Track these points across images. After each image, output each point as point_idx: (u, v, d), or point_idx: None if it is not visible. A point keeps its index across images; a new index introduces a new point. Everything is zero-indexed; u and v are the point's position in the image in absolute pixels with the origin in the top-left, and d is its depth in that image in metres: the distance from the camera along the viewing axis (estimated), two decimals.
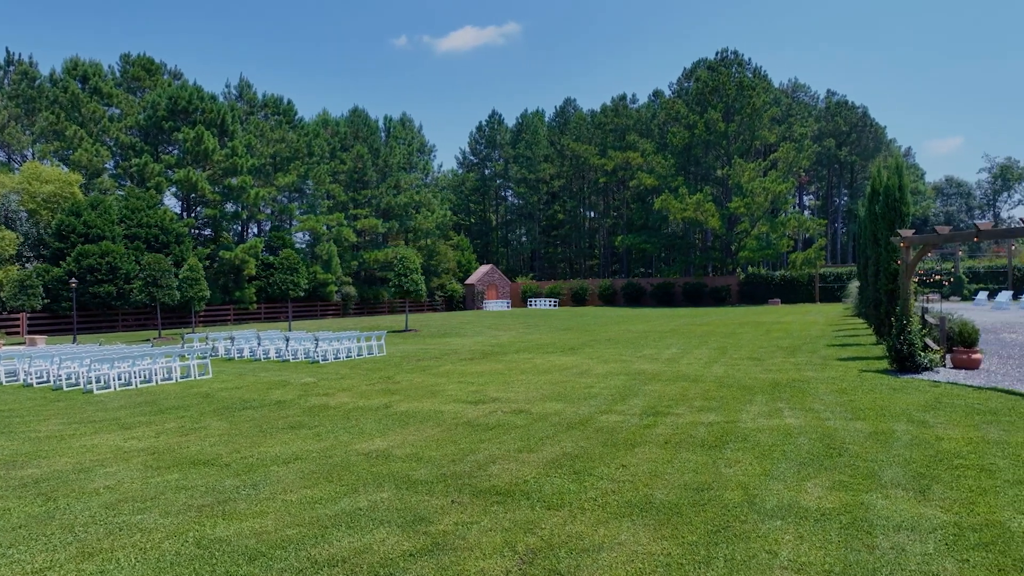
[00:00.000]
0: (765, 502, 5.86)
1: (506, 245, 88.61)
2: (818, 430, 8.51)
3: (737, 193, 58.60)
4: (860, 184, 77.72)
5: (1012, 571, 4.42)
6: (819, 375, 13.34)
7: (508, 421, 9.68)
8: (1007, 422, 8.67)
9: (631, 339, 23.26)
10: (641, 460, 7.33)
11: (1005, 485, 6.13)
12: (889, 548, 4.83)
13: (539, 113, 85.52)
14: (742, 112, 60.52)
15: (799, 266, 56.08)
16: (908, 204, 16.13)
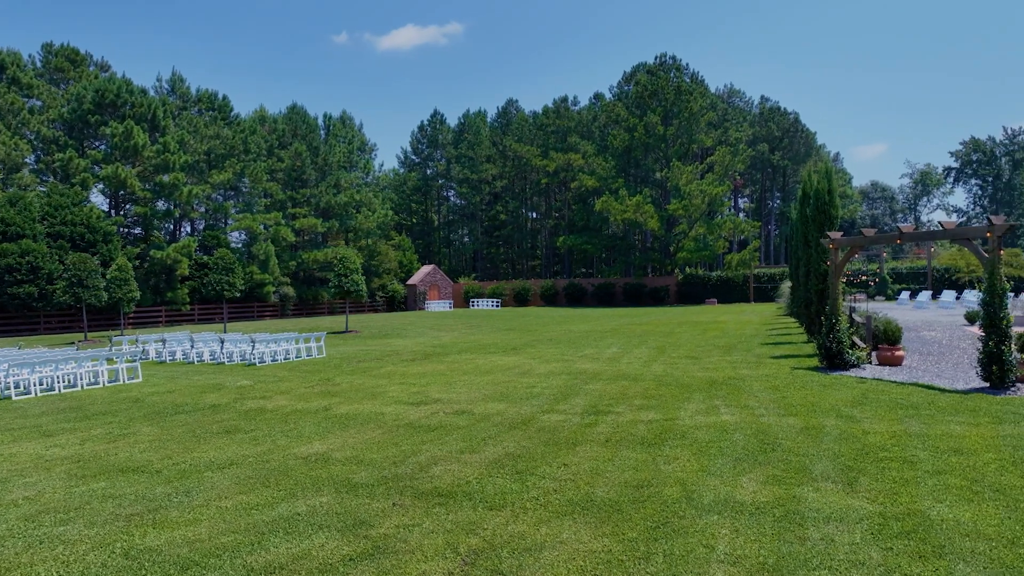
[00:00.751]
0: (703, 497, 5.99)
1: (448, 245, 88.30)
2: (753, 426, 8.75)
3: (675, 195, 59.85)
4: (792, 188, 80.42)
5: (931, 557, 4.63)
6: (754, 373, 13.73)
7: (450, 422, 9.63)
8: (927, 415, 9.09)
9: (573, 339, 23.48)
10: (583, 459, 7.40)
11: (925, 476, 6.43)
12: (820, 539, 5.00)
13: (481, 113, 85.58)
14: (680, 116, 61.84)
15: (734, 267, 57.63)
16: (837, 207, 16.75)
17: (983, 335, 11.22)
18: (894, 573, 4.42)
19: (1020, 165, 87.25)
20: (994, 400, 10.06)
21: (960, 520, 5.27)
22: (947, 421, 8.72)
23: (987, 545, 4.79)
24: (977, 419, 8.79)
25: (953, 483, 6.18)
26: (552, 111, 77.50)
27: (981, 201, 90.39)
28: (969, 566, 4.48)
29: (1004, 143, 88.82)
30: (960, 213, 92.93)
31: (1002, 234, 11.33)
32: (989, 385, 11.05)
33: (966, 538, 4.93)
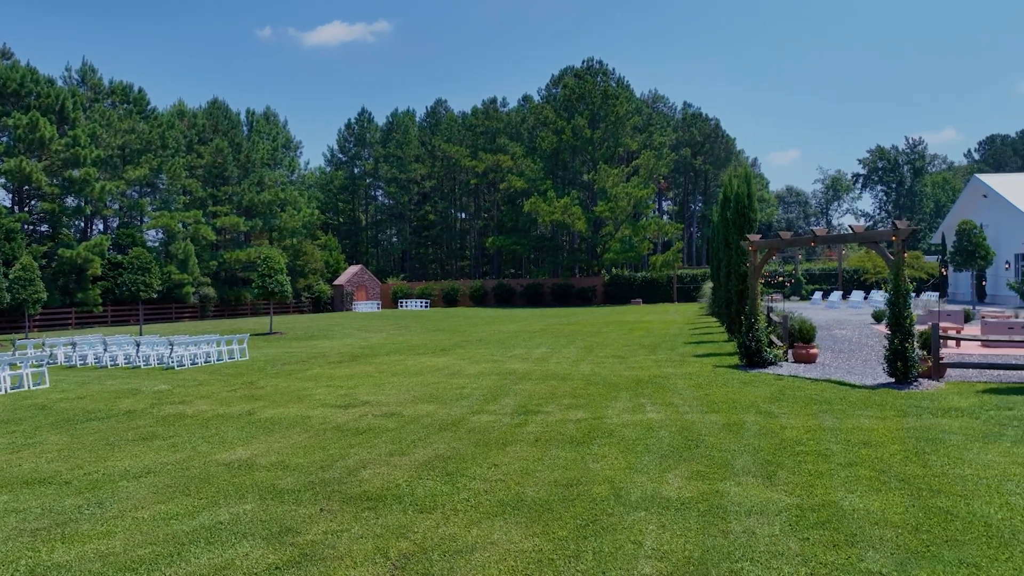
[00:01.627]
0: (630, 494, 6.12)
1: (376, 245, 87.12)
2: (677, 423, 8.99)
3: (602, 197, 60.87)
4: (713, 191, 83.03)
5: (844, 545, 4.86)
6: (678, 371, 14.11)
7: (379, 424, 9.51)
8: (839, 410, 9.55)
9: (502, 339, 23.56)
10: (513, 459, 7.43)
11: (838, 468, 6.75)
12: (742, 532, 5.18)
13: (410, 113, 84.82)
14: (607, 120, 62.92)
15: (659, 268, 59.03)
16: (755, 211, 17.39)
17: (889, 333, 11.87)
18: (811, 562, 4.62)
19: (920, 173, 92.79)
20: (899, 395, 10.66)
21: (870, 509, 5.56)
22: (857, 415, 9.18)
23: (894, 532, 5.07)
24: (884, 413, 9.29)
25: (863, 474, 6.51)
26: (481, 112, 77.53)
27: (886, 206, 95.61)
28: (878, 552, 4.73)
29: (906, 152, 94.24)
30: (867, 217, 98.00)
31: (905, 238, 12.02)
32: (895, 380, 11.70)
33: (875, 526, 5.20)
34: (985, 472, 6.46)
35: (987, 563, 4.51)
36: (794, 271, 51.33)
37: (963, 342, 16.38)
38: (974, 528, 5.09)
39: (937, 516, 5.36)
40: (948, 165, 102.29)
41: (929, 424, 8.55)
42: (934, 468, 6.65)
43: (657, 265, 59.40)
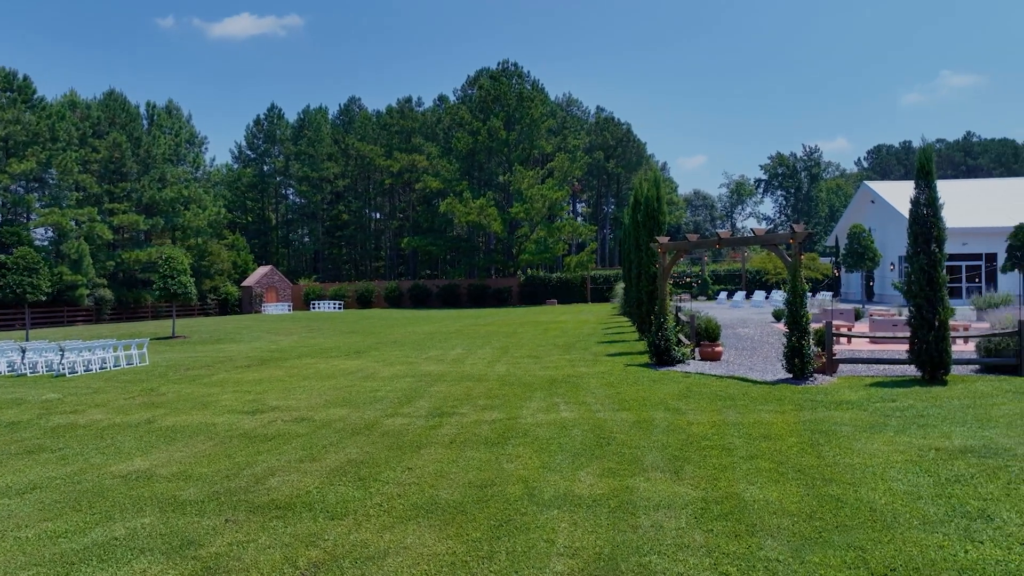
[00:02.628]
0: (543, 493, 6.19)
1: (287, 245, 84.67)
2: (590, 422, 9.16)
3: (518, 199, 61.35)
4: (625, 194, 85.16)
5: (745, 535, 5.09)
6: (591, 370, 14.38)
7: (289, 430, 9.24)
8: (742, 406, 9.98)
9: (417, 341, 23.37)
10: (427, 461, 7.38)
11: (740, 461, 7.05)
12: (650, 526, 5.33)
13: (322, 110, 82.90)
14: (522, 122, 63.49)
15: (573, 268, 60.01)
16: (665, 214, 17.95)
17: (787, 331, 12.49)
18: (714, 553, 4.81)
19: (816, 179, 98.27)
20: (796, 389, 11.24)
21: (769, 500, 5.83)
22: (758, 410, 9.62)
23: (790, 520, 5.34)
24: (783, 407, 9.77)
25: (763, 466, 6.83)
26: (396, 111, 76.67)
27: (785, 210, 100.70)
28: (776, 540, 4.96)
29: (803, 159, 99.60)
30: (769, 221, 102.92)
31: (802, 241, 12.68)
32: (792, 376, 12.32)
33: (773, 515, 5.46)
34: (871, 460, 6.90)
35: (872, 546, 4.81)
36: (701, 272, 53.27)
37: (854, 339, 17.41)
38: (861, 513, 5.43)
39: (829, 504, 5.68)
40: (841, 172, 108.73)
41: (823, 417, 9.05)
42: (827, 458, 7.04)
43: (571, 266, 60.38)
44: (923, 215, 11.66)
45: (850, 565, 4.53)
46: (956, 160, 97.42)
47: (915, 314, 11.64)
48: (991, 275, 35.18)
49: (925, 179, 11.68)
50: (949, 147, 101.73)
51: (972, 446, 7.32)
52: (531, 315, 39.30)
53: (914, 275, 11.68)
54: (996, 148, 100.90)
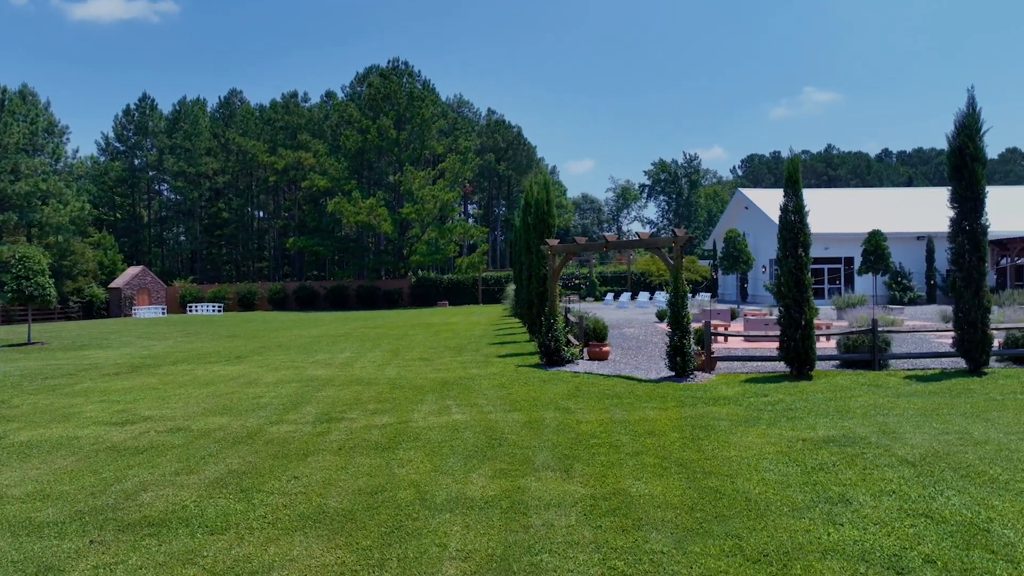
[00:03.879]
0: (435, 497, 6.14)
1: (161, 245, 79.81)
2: (482, 423, 9.18)
3: (408, 199, 60.76)
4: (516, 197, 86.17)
5: (631, 529, 5.25)
6: (482, 372, 14.43)
7: (163, 441, 8.69)
8: (628, 403, 10.32)
9: (304, 344, 22.63)
10: (315, 469, 7.15)
11: (627, 457, 7.28)
12: (541, 525, 5.40)
13: (200, 102, 78.76)
14: (413, 121, 62.94)
15: (464, 270, 60.10)
16: (554, 217, 18.30)
17: (670, 331, 13.04)
18: (603, 548, 4.93)
19: (696, 185, 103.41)
20: (678, 387, 11.74)
21: (654, 494, 6.05)
22: (644, 407, 9.98)
23: (673, 513, 5.56)
24: (666, 404, 10.18)
25: (648, 462, 7.08)
26: (281, 106, 74.07)
27: (668, 215, 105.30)
28: (660, 533, 5.16)
29: (684, 166, 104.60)
30: (652, 225, 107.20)
31: (683, 244, 13.28)
32: (675, 374, 12.87)
33: (658, 509, 5.67)
34: (746, 453, 7.31)
35: (747, 533, 5.09)
36: (589, 274, 54.74)
37: (730, 338, 18.42)
38: (738, 503, 5.73)
39: (709, 495, 5.96)
40: (718, 179, 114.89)
41: (703, 412, 9.51)
42: (706, 452, 7.40)
43: (463, 267, 60.44)
44: (791, 221, 12.49)
45: (728, 553, 4.77)
46: (819, 170, 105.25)
47: (784, 314, 12.45)
48: (849, 277, 38.22)
49: (793, 188, 12.52)
50: (813, 158, 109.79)
51: (834, 436, 7.91)
52: (422, 317, 39.01)
53: (783, 277, 12.49)
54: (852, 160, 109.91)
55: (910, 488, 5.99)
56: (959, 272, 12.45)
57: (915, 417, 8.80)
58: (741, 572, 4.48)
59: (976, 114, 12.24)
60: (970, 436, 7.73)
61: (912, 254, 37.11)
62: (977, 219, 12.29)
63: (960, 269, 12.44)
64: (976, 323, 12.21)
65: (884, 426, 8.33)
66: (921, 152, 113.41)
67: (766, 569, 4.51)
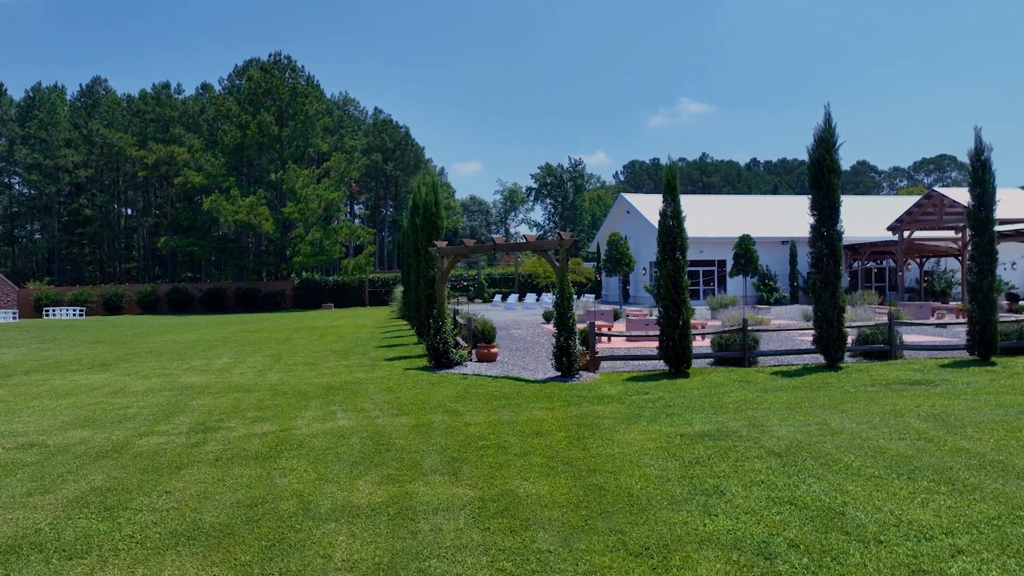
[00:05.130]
0: (320, 506, 5.95)
1: (12, 243, 72.95)
2: (369, 428, 9.00)
3: (291, 198, 58.69)
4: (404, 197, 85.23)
5: (519, 530, 5.30)
6: (369, 376, 14.16)
7: (13, 459, 7.93)
8: (516, 404, 10.43)
9: (177, 350, 21.36)
10: (188, 483, 6.76)
11: (515, 458, 7.36)
12: (429, 530, 5.35)
13: (59, 89, 72.79)
14: (296, 118, 60.88)
15: (351, 271, 58.78)
16: (442, 219, 18.23)
17: (556, 332, 13.31)
18: (491, 550, 4.95)
19: (580, 189, 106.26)
20: (565, 386, 12.00)
21: (541, 493, 6.14)
22: (531, 408, 10.12)
23: (560, 512, 5.67)
24: (552, 404, 10.38)
25: (536, 461, 7.18)
26: (152, 97, 69.66)
27: (554, 218, 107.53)
28: (547, 532, 5.24)
29: (569, 170, 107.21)
30: (539, 227, 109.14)
31: (569, 247, 13.59)
32: (561, 374, 13.15)
33: (545, 508, 5.76)
34: (629, 449, 7.56)
35: (630, 528, 5.27)
36: (478, 276, 54.99)
37: (613, 338, 19.03)
38: (621, 499, 5.92)
39: (594, 492, 6.12)
40: (601, 184, 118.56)
41: (588, 411, 9.76)
42: (591, 450, 7.59)
43: (349, 269, 59.08)
44: (669, 226, 13.06)
45: (612, 548, 4.91)
46: (694, 177, 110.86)
47: (663, 314, 13.01)
48: (722, 279, 40.45)
49: (671, 195, 13.10)
50: (689, 165, 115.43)
51: (709, 431, 8.33)
52: (307, 320, 37.81)
53: (662, 279, 13.04)
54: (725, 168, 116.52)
55: (777, 477, 6.40)
56: (818, 274, 13.46)
57: (781, 411, 9.43)
58: (624, 566, 4.62)
59: (832, 129, 13.29)
60: (828, 427, 8.37)
61: (778, 257, 39.80)
62: (833, 225, 13.35)
63: (819, 272, 13.45)
64: (833, 322, 13.24)
65: (754, 420, 8.87)
66: (785, 162, 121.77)
67: (647, 562, 4.68)
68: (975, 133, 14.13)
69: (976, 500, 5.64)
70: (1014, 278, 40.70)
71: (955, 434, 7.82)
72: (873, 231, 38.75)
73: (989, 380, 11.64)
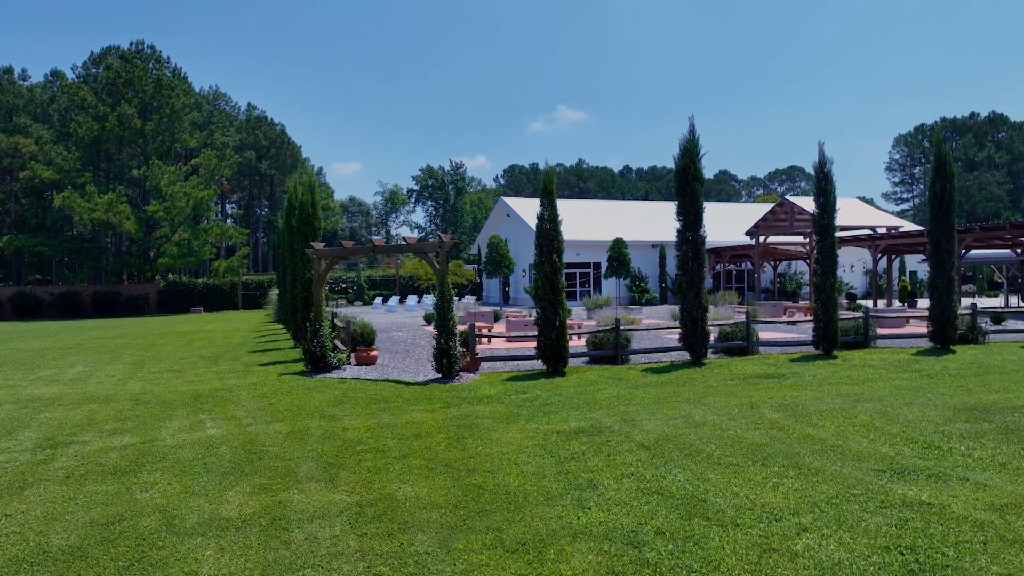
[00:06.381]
0: (185, 521, 5.67)
1: None
2: (240, 437, 8.65)
3: (156, 196, 55.11)
4: (279, 197, 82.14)
5: (397, 534, 5.29)
6: (241, 382, 13.58)
7: None
8: (396, 407, 10.36)
9: (24, 359, 19.52)
10: (34, 504, 6.23)
11: (393, 461, 7.31)
12: (304, 539, 5.23)
13: None
14: (161, 111, 57.26)
15: (222, 274, 55.99)
16: (320, 219, 17.78)
17: (436, 334, 13.31)
18: (368, 556, 4.90)
19: (462, 192, 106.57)
20: (445, 388, 12.03)
21: (419, 496, 6.15)
22: (411, 410, 10.08)
23: (439, 513, 5.70)
24: (433, 406, 10.38)
25: (415, 464, 7.17)
26: None
27: (435, 220, 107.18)
28: (425, 534, 5.25)
29: (451, 173, 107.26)
30: (420, 229, 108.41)
31: (449, 249, 13.63)
32: (442, 376, 13.16)
33: (423, 510, 5.77)
34: (507, 448, 7.71)
35: (507, 525, 5.38)
36: (357, 278, 53.93)
37: (493, 339, 19.25)
38: (498, 498, 6.03)
39: (472, 492, 6.19)
40: (482, 187, 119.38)
41: (468, 412, 9.84)
42: (471, 450, 7.67)
43: (220, 271, 56.27)
44: (547, 230, 13.39)
45: (489, 546, 5.00)
46: (571, 182, 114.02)
47: (541, 315, 13.32)
48: (597, 280, 41.87)
49: (548, 198, 13.44)
50: (566, 171, 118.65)
51: (584, 427, 8.63)
52: (173, 324, 35.65)
53: (540, 281, 13.36)
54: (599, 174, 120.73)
55: (645, 469, 6.74)
56: (684, 276, 14.25)
57: (650, 406, 9.91)
58: (501, 563, 4.72)
59: (696, 139, 14.12)
60: (692, 419, 8.89)
61: (648, 260, 41.71)
62: (697, 230, 14.18)
63: (685, 274, 14.24)
64: (697, 321, 14.06)
65: (625, 415, 9.27)
66: (656, 170, 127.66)
67: (523, 557, 4.80)
68: (819, 148, 15.48)
69: (819, 482, 6.19)
70: (853, 279, 44.85)
71: (802, 422, 8.53)
72: (734, 235, 41.42)
73: (831, 372, 12.77)
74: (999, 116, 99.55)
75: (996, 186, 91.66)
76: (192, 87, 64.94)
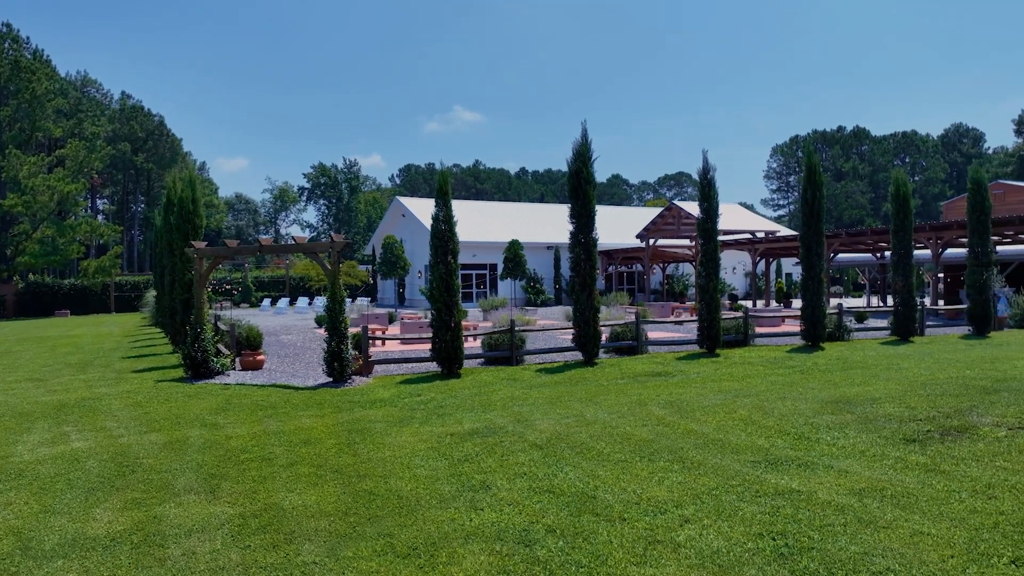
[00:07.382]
0: (44, 543, 5.20)
1: None
2: (110, 449, 8.06)
3: (14, 189, 50.58)
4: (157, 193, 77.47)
5: (283, 544, 5.07)
6: (113, 390, 12.68)
7: None
8: (283, 413, 9.97)
9: None
10: None
11: (280, 469, 7.02)
12: (181, 555, 4.92)
13: None
14: (20, 96, 52.64)
15: (92, 274, 52.11)
16: (202, 217, 16.87)
17: (328, 336, 12.94)
18: (251, 568, 4.67)
19: (356, 191, 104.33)
20: (336, 392, 11.71)
21: (307, 504, 5.93)
22: (300, 416, 9.73)
23: (328, 521, 5.51)
24: (323, 411, 10.07)
25: (303, 472, 6.92)
26: None
27: (328, 219, 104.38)
28: (313, 543, 5.07)
29: (344, 171, 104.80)
30: (312, 229, 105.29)
31: (340, 249, 13.29)
32: (333, 380, 12.81)
33: (311, 519, 5.57)
34: (400, 452, 7.58)
35: (399, 530, 5.28)
36: (243, 279, 51.71)
37: (388, 341, 18.95)
38: (390, 503, 5.91)
39: (363, 498, 6.04)
40: (377, 186, 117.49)
41: (360, 416, 9.61)
42: (362, 455, 7.49)
43: (90, 272, 52.34)
44: (442, 231, 13.31)
45: (380, 552, 4.88)
46: (468, 183, 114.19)
47: (436, 317, 13.23)
48: (493, 281, 42.11)
49: (443, 199, 13.37)
50: (463, 172, 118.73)
51: (478, 428, 8.62)
52: (34, 329, 32.87)
53: (435, 282, 13.26)
54: (496, 176, 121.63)
55: (538, 468, 6.80)
56: (577, 278, 14.55)
57: (544, 405, 10.04)
58: (392, 568, 4.62)
59: (588, 144, 14.46)
60: (584, 418, 9.07)
61: (544, 261, 42.37)
62: (590, 233, 14.51)
63: (578, 275, 14.55)
64: (589, 321, 14.39)
65: (519, 415, 9.34)
66: (551, 173, 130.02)
67: (415, 561, 4.72)
68: (703, 155, 16.25)
69: (700, 475, 6.46)
70: (735, 281, 47.37)
71: (687, 418, 8.89)
72: (625, 238, 42.79)
73: (714, 369, 13.41)
74: (862, 130, 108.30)
75: (860, 195, 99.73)
76: (56, 71, 60.18)
